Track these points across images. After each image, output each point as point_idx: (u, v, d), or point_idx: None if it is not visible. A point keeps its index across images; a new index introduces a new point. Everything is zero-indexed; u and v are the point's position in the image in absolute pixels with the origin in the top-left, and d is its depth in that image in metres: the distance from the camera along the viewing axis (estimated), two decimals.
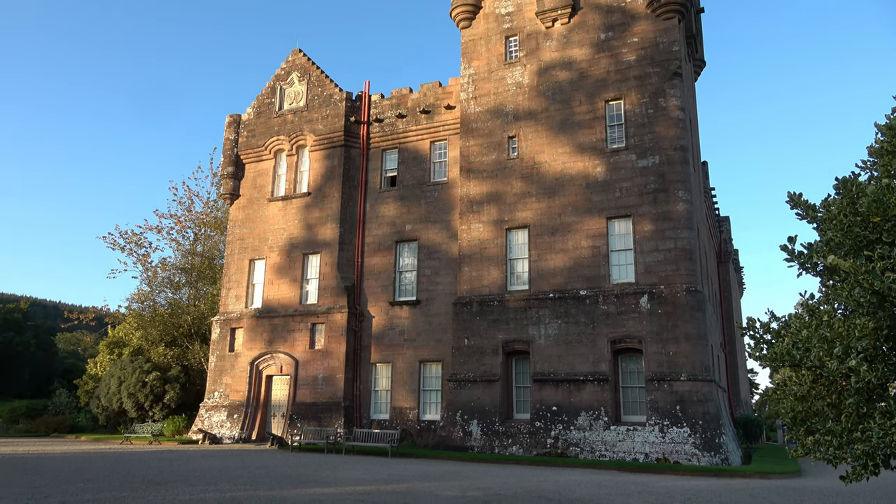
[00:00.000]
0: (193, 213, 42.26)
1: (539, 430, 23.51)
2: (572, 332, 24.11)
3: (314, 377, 28.99)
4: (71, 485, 14.88)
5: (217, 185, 41.72)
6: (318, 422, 27.88)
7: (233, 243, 33.40)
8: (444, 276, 28.39)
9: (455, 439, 24.77)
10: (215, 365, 31.81)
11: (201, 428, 30.32)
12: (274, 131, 33.21)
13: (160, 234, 41.44)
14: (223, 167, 34.34)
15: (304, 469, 18.70)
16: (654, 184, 24.27)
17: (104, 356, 41.75)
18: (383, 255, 29.99)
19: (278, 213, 32.33)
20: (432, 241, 29.06)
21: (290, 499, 13.00)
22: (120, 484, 15.04)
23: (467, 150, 27.96)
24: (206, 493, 13.78)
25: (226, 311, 32.59)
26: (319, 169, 31.72)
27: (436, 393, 27.49)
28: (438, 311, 28.00)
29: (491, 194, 27.01)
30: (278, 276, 31.43)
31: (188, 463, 20.17)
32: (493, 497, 13.49)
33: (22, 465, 19.49)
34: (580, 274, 24.65)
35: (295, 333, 29.99)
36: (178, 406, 34.33)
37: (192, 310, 39.61)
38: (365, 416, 28.36)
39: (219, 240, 41.52)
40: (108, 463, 20.17)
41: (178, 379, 34.90)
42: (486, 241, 26.64)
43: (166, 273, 40.88)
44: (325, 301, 29.91)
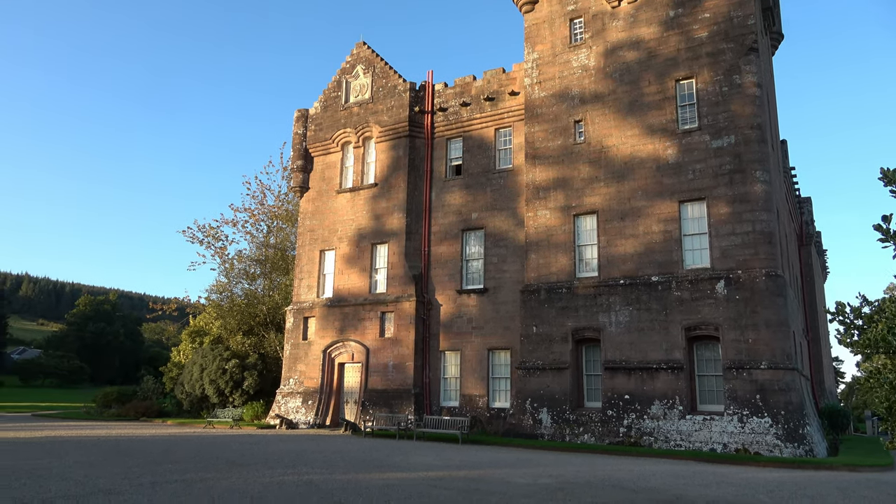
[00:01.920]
0: (266, 207, 43.62)
1: (611, 418, 23.14)
2: (644, 320, 23.56)
3: (384, 365, 29.50)
4: (160, 466, 15.71)
5: (287, 178, 42.88)
6: (390, 408, 28.38)
7: (303, 235, 34.29)
8: (511, 263, 28.25)
9: (525, 427, 24.71)
10: (290, 353, 32.85)
11: (278, 413, 31.41)
12: (340, 124, 33.79)
13: (235, 227, 43.02)
14: (293, 161, 35.24)
15: (377, 454, 19.09)
16: (729, 164, 23.32)
17: (186, 345, 43.80)
18: (450, 244, 30.11)
19: (346, 204, 32.94)
20: (499, 229, 28.95)
21: (364, 483, 13.30)
22: (204, 465, 15.77)
23: (532, 135, 27.64)
24: (285, 475, 14.27)
25: (298, 300, 33.55)
26: (385, 160, 32.09)
27: (505, 381, 27.48)
28: (506, 299, 27.92)
29: (557, 180, 26.63)
30: (348, 266, 32.08)
31: (267, 446, 20.94)
32: (566, 484, 13.39)
33: (115, 447, 20.72)
34: (652, 260, 24.02)
35: (365, 322, 30.57)
36: (256, 392, 35.66)
37: (267, 300, 40.96)
38: (435, 403, 28.66)
39: (290, 232, 42.69)
40: (192, 446, 21.19)
41: (256, 366, 36.22)
42: (554, 228, 26.32)
43: (242, 265, 42.44)
44: (393, 290, 30.33)
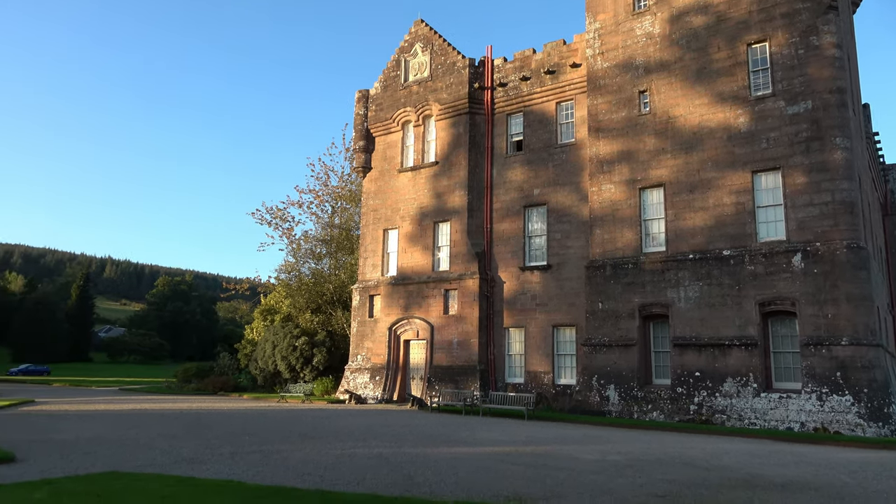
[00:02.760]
0: (330, 188, 44.45)
1: (681, 395, 22.67)
2: (715, 295, 22.85)
3: (449, 341, 29.78)
4: (238, 438, 16.45)
5: (350, 159, 43.50)
6: (455, 384, 28.70)
7: (367, 214, 34.79)
8: (574, 239, 27.86)
9: (592, 404, 24.52)
10: (357, 330, 33.58)
11: (347, 388, 32.27)
12: (400, 103, 33.90)
13: (301, 208, 44.09)
14: (355, 141, 35.68)
15: (444, 429, 19.37)
16: (806, 132, 22.16)
17: (258, 322, 45.43)
18: (512, 221, 29.93)
19: (408, 183, 33.16)
20: (561, 205, 28.55)
21: (432, 457, 13.54)
22: (279, 438, 16.41)
23: (595, 108, 27.00)
24: (356, 448, 14.69)
25: (364, 279, 34.17)
26: (446, 138, 32.05)
27: (570, 357, 27.28)
28: (570, 276, 27.61)
29: (622, 153, 25.97)
30: (411, 244, 32.38)
31: (337, 420, 21.58)
32: (635, 461, 13.25)
33: (196, 419, 21.80)
34: (723, 233, 23.20)
35: (429, 299, 30.88)
36: (325, 368, 36.70)
37: (334, 279, 41.92)
38: (500, 379, 28.78)
39: (354, 212, 43.40)
40: (267, 419, 22.06)
41: (325, 343, 37.23)
42: (619, 202, 25.75)
43: (308, 245, 43.55)
44: (456, 267, 30.46)
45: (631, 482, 10.88)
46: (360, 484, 10.28)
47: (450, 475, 11.25)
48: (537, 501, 9.19)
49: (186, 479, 10.24)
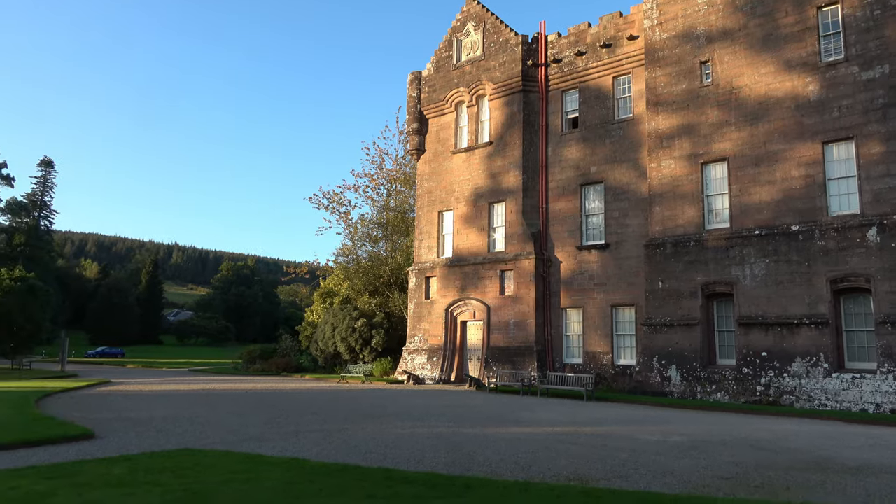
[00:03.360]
0: (385, 171, 44.77)
1: (746, 376, 22.00)
2: (783, 272, 21.97)
3: (506, 322, 29.71)
4: (301, 416, 16.90)
5: (404, 142, 43.65)
6: (512, 365, 28.66)
7: (422, 196, 34.91)
8: (633, 217, 27.24)
9: (652, 384, 24.09)
10: (413, 312, 33.91)
11: (405, 369, 32.70)
12: (453, 84, 33.71)
13: (357, 192, 44.60)
14: (408, 124, 35.75)
15: (503, 409, 19.40)
16: (883, 98, 20.89)
17: (318, 305, 46.44)
18: (568, 200, 29.48)
19: (462, 164, 33.05)
20: (619, 182, 27.92)
21: (492, 436, 13.59)
22: (341, 417, 16.78)
23: (654, 81, 26.18)
24: (416, 427, 14.87)
25: (420, 261, 34.40)
26: (499, 117, 31.73)
27: (630, 337, 26.83)
28: (629, 254, 27.05)
29: (682, 127, 25.14)
30: (466, 225, 32.35)
31: (396, 400, 21.90)
32: (699, 443, 12.95)
33: (261, 399, 22.52)
34: (791, 207, 22.23)
35: (485, 280, 30.84)
36: (383, 349, 37.26)
37: (390, 261, 42.37)
38: (557, 360, 28.58)
39: (409, 194, 43.63)
40: (328, 399, 22.59)
41: (382, 325, 37.76)
42: (679, 178, 24.99)
43: (365, 228, 44.06)
44: (512, 248, 30.27)
45: (694, 463, 10.64)
46: (420, 463, 10.41)
47: (509, 455, 11.26)
48: (599, 482, 9.09)
49: (254, 457, 10.58)
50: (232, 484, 8.31)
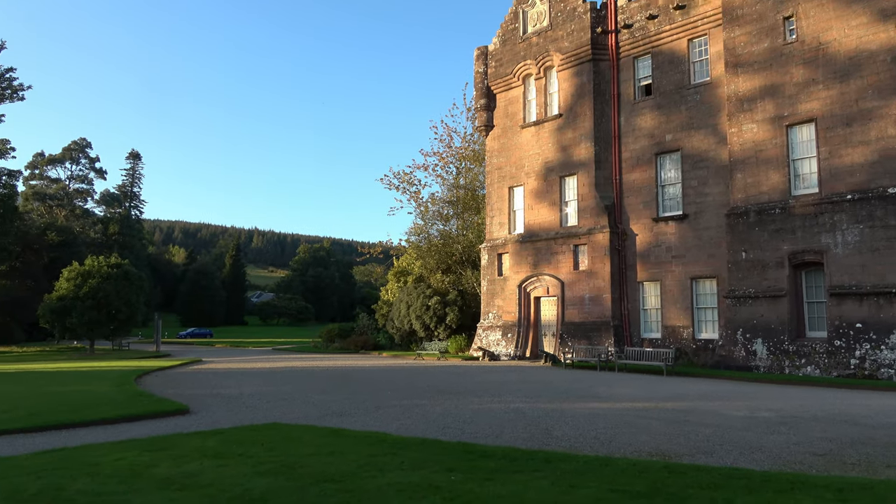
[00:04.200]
0: (453, 149, 44.72)
1: (839, 349, 20.88)
2: (879, 238, 20.61)
3: (581, 297, 29.32)
4: (380, 392, 17.32)
5: (472, 118, 43.39)
6: (588, 340, 28.31)
7: (491, 173, 34.70)
8: (712, 186, 26.15)
9: (736, 359, 23.26)
10: (486, 289, 33.95)
11: (480, 346, 32.89)
12: (520, 57, 33.15)
13: (427, 171, 44.81)
14: (476, 100, 35.49)
15: (579, 385, 19.23)
16: None
17: (392, 284, 47.25)
18: (643, 170, 28.59)
19: (531, 138, 32.58)
20: (697, 150, 26.82)
21: (569, 411, 13.50)
22: (419, 393, 17.09)
23: (732, 41, 24.86)
24: (492, 403, 14.97)
25: (491, 238, 34.32)
26: (569, 88, 31.01)
27: (711, 310, 25.93)
28: (709, 224, 26.04)
29: (765, 88, 23.82)
30: (537, 200, 31.97)
31: (472, 377, 22.09)
32: (789, 418, 12.43)
33: (341, 375, 23.21)
34: (888, 168, 20.74)
35: (558, 256, 30.47)
36: (458, 326, 37.58)
37: (462, 239, 42.49)
38: (635, 334, 28.00)
39: (478, 171, 43.47)
40: (405, 375, 23.03)
41: (456, 302, 38.05)
42: (762, 143, 23.75)
43: (436, 207, 44.29)
44: (585, 222, 29.72)
45: (785, 440, 10.23)
46: (498, 437, 10.47)
47: (588, 430, 11.17)
48: (682, 457, 8.89)
49: (337, 431, 10.94)
50: (318, 457, 8.62)
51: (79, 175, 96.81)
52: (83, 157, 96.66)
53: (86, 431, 11.53)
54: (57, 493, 6.94)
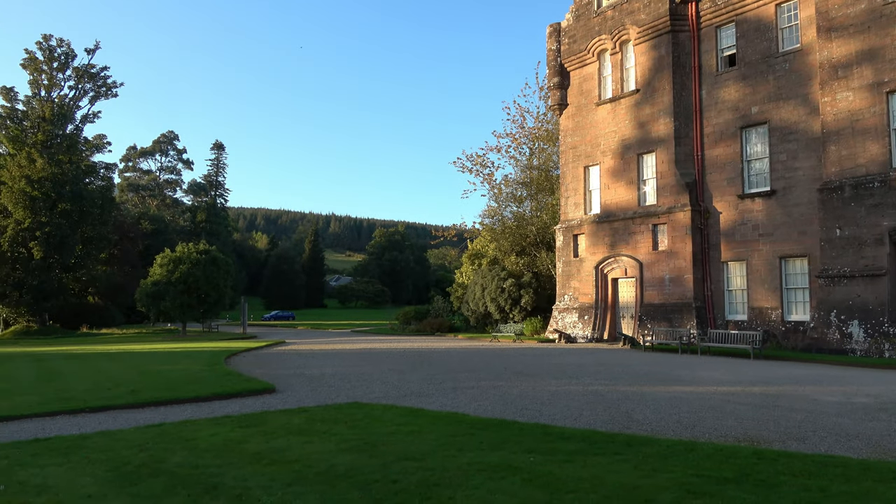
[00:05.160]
0: (526, 129, 44.16)
1: None
2: None
3: (660, 278, 28.50)
4: (457, 374, 17.48)
5: (545, 98, 42.70)
6: (669, 322, 27.53)
7: (566, 153, 34.09)
8: (803, 159, 24.71)
9: (830, 342, 22.05)
10: (562, 270, 33.54)
11: (556, 328, 32.60)
12: (595, 32, 32.25)
13: (499, 153, 44.51)
14: (549, 79, 34.85)
15: (660, 368, 18.77)
16: None
17: (467, 267, 47.41)
18: (726, 145, 27.34)
19: (607, 115, 31.74)
20: (786, 122, 25.38)
21: (650, 395, 13.21)
22: (495, 375, 17.14)
23: (825, 4, 23.27)
24: (570, 385, 14.84)
25: (566, 218, 33.81)
26: (646, 62, 29.95)
27: (802, 291, 24.64)
28: (799, 200, 24.67)
29: (862, 53, 22.21)
30: (613, 179, 31.19)
31: (549, 359, 21.94)
32: (889, 405, 11.70)
33: (418, 357, 23.57)
34: None
35: (636, 236, 29.68)
36: (533, 309, 37.36)
37: (536, 220, 42.07)
38: (719, 316, 27.00)
39: (552, 151, 42.80)
40: (482, 357, 23.14)
41: (531, 284, 37.81)
42: (859, 112, 22.21)
43: (509, 188, 43.98)
44: (664, 200, 28.78)
45: (885, 427, 9.65)
46: (577, 420, 10.38)
47: (670, 414, 10.90)
48: (772, 443, 8.55)
49: (416, 410, 11.14)
50: (398, 435, 8.82)
51: (168, 166, 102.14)
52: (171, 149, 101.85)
53: (182, 408, 12.24)
54: (158, 465, 7.41)
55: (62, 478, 6.95)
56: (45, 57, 53.60)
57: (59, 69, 54.28)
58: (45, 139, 52.77)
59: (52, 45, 53.84)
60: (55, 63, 53.98)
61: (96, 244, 56.81)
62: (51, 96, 54.19)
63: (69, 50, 54.54)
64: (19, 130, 52.57)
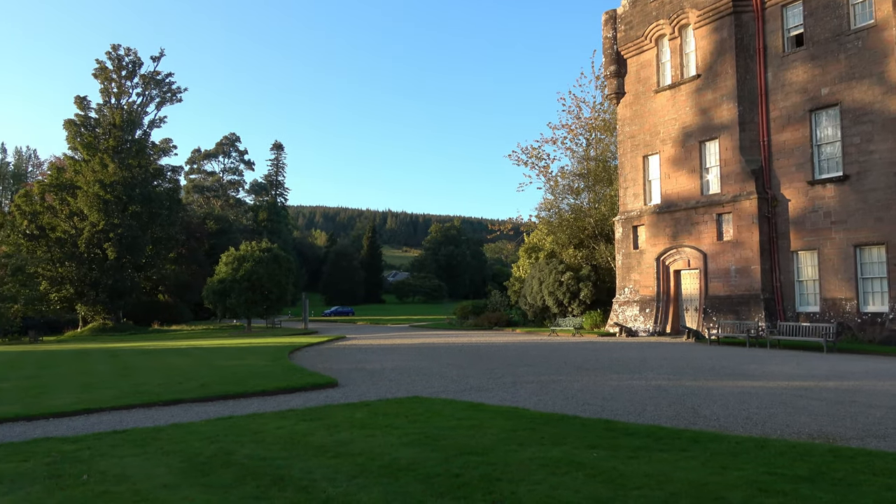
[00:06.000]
0: (583, 120, 43.44)
1: None
2: None
3: (726, 269, 27.59)
4: (516, 368, 17.40)
5: (601, 87, 41.90)
6: (735, 315, 26.63)
7: (624, 142, 33.38)
8: (878, 142, 23.43)
9: None
10: (622, 263, 32.90)
11: (616, 322, 32.03)
12: (652, 17, 31.41)
13: (555, 144, 43.91)
14: (605, 67, 34.18)
15: (727, 362, 18.19)
16: None
17: (524, 260, 47.09)
18: (794, 129, 26.19)
19: (667, 103, 30.89)
20: (859, 102, 24.10)
21: (717, 390, 12.82)
22: (555, 369, 16.97)
23: None
24: (632, 380, 14.55)
25: (625, 210, 33.13)
26: (707, 46, 28.97)
27: (879, 281, 23.40)
28: (875, 185, 23.41)
29: None
30: (674, 168, 30.36)
31: (609, 353, 21.58)
32: None
33: (477, 351, 23.58)
34: None
35: (699, 226, 28.82)
36: (592, 302, 36.82)
37: (594, 212, 41.40)
38: (789, 308, 25.94)
39: (610, 142, 41.98)
40: (540, 351, 22.96)
41: (589, 277, 37.25)
42: None
43: (566, 181, 43.40)
44: (729, 189, 27.82)
45: None
46: (641, 415, 10.17)
47: (739, 409, 10.55)
48: (849, 441, 8.15)
49: (476, 405, 11.14)
50: (459, 430, 8.84)
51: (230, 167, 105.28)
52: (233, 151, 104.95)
53: (248, 401, 12.62)
54: (228, 456, 7.66)
55: (139, 468, 7.27)
56: (114, 66, 56.03)
57: (128, 77, 56.64)
58: (116, 144, 55.21)
59: (121, 55, 56.22)
60: (123, 71, 56.35)
61: (165, 244, 59.22)
62: (120, 103, 56.62)
63: (136, 58, 56.84)
64: (92, 137, 55.17)
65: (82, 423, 10.63)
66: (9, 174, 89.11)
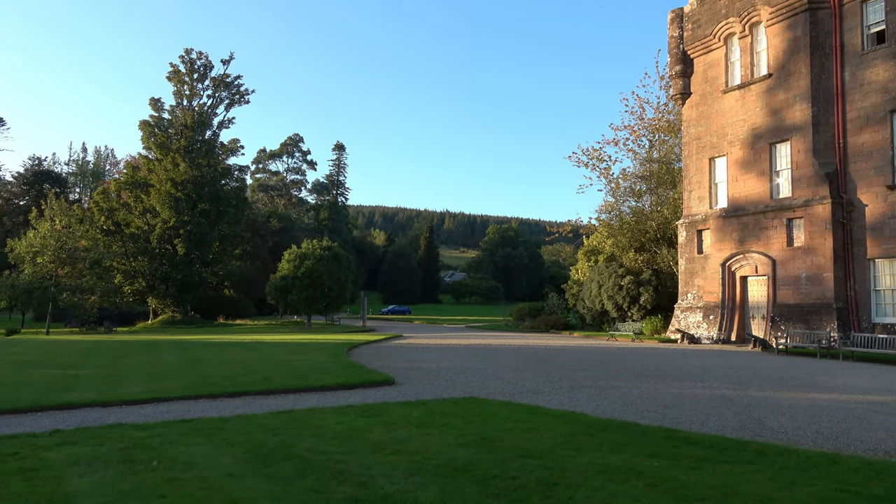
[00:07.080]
0: (646, 121, 42.50)
1: None
2: None
3: (796, 277, 26.48)
4: (574, 372, 17.18)
5: (666, 87, 40.89)
6: (805, 324, 25.53)
7: (689, 144, 32.48)
8: None
9: None
10: (685, 267, 32.02)
11: (678, 328, 31.19)
12: (721, 15, 30.45)
13: (617, 146, 43.09)
14: (670, 67, 33.35)
15: (796, 373, 17.46)
16: None
17: (582, 263, 46.44)
18: (873, 131, 24.91)
19: (735, 103, 29.88)
20: None
21: (784, 401, 12.33)
22: (614, 375, 16.67)
23: None
24: (695, 388, 14.14)
25: (689, 213, 32.23)
26: (779, 44, 27.88)
27: None
28: None
29: None
30: (742, 171, 29.34)
31: (671, 360, 21.04)
32: None
33: (533, 354, 23.40)
34: None
35: (768, 231, 27.76)
36: (653, 307, 35.97)
37: (656, 215, 40.45)
38: (864, 319, 24.68)
39: (674, 143, 40.93)
40: (599, 356, 22.58)
41: (650, 282, 36.41)
42: None
43: (627, 183, 42.54)
44: (800, 193, 26.70)
45: None
46: (703, 425, 9.88)
47: (808, 423, 10.11)
48: None
49: (533, 408, 11.06)
50: (515, 432, 8.80)
51: (294, 167, 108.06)
52: (297, 151, 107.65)
53: (309, 396, 12.91)
54: (289, 449, 7.86)
55: (206, 456, 7.54)
56: (186, 69, 58.32)
57: (199, 80, 58.86)
58: (187, 145, 57.47)
59: (193, 58, 58.47)
60: (195, 74, 58.60)
61: (231, 241, 61.25)
62: (191, 105, 58.91)
63: (207, 62, 59.00)
64: (165, 137, 57.60)
65: (152, 411, 11.11)
66: (88, 172, 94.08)
